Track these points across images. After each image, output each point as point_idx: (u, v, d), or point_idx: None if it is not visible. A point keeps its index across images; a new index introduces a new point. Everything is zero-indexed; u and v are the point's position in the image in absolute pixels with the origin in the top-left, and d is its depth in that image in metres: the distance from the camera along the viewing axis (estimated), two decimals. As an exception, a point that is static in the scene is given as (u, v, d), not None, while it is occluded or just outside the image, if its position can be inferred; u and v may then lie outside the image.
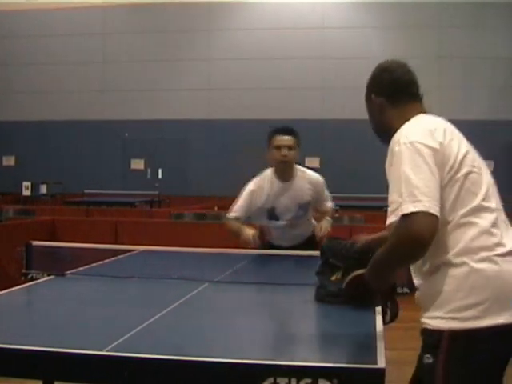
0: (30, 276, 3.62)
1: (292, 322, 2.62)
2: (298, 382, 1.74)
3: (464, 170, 1.96)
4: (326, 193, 4.41)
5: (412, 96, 2.19)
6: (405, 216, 1.83)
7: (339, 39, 15.07)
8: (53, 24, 16.15)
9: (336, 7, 15.36)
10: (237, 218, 4.28)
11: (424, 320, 1.95)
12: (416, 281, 2.02)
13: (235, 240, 4.32)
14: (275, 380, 1.74)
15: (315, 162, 13.69)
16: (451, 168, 1.94)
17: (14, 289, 2.99)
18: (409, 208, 1.83)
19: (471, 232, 1.91)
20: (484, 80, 14.44)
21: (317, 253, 3.03)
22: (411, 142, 1.93)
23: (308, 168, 4.46)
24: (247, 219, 4.35)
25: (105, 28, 16.20)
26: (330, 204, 4.47)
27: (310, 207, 4.35)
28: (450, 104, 14.16)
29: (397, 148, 1.95)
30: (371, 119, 2.27)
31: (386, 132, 2.16)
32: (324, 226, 4.29)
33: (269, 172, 4.28)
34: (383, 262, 1.97)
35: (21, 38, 16.32)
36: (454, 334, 1.85)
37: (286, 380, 1.74)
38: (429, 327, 1.92)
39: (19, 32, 16.33)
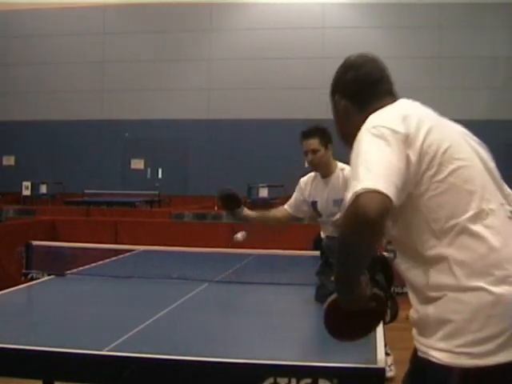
0: (30, 276, 3.63)
1: (292, 321, 2.62)
2: (298, 381, 1.74)
3: (449, 168, 1.63)
4: None
5: (382, 94, 1.85)
6: (356, 196, 1.52)
7: (339, 39, 15.06)
8: (53, 24, 16.14)
9: (336, 7, 15.36)
10: (286, 209, 4.37)
11: (425, 349, 1.63)
12: (414, 300, 1.70)
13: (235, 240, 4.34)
14: (275, 380, 1.74)
15: (315, 161, 13.68)
16: (430, 165, 1.63)
17: (14, 289, 2.99)
18: (361, 186, 1.52)
19: (479, 248, 1.58)
20: (484, 80, 14.44)
21: (317, 253, 3.03)
22: (375, 127, 1.64)
23: None
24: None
25: (105, 28, 16.20)
26: None
27: None
28: (449, 104, 14.16)
29: (359, 137, 1.67)
30: (336, 125, 1.97)
31: (349, 137, 1.81)
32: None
33: None
34: (341, 259, 1.62)
35: (21, 37, 16.31)
36: (467, 372, 1.56)
37: (286, 380, 1.74)
38: (435, 361, 1.60)
39: (19, 32, 16.32)
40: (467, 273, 1.58)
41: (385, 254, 2.79)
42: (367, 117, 1.76)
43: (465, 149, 1.70)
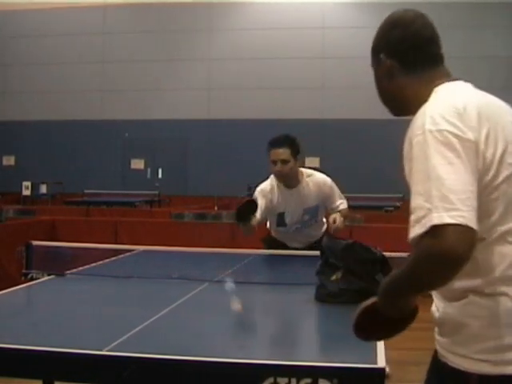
0: (30, 276, 3.62)
1: (292, 321, 2.62)
2: (297, 382, 1.73)
3: (504, 173, 1.52)
4: (336, 194, 4.31)
5: (432, 58, 1.72)
6: (436, 227, 1.39)
7: (339, 39, 15.07)
8: (53, 24, 16.15)
9: (336, 7, 15.36)
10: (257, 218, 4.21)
11: (444, 353, 1.60)
12: (436, 297, 1.64)
13: (235, 240, 4.33)
14: (275, 380, 1.74)
15: (315, 161, 13.69)
16: (488, 170, 1.51)
17: (14, 289, 2.99)
18: (443, 218, 1.39)
19: (511, 255, 1.53)
20: (484, 80, 14.40)
21: (317, 253, 3.03)
22: (440, 131, 1.48)
23: (309, 168, 4.45)
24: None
25: (105, 28, 16.20)
26: (342, 205, 4.34)
27: (319, 211, 4.31)
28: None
29: (420, 137, 1.50)
30: (377, 85, 1.80)
31: (395, 102, 1.77)
32: (338, 219, 4.15)
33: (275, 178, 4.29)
34: (403, 285, 1.54)
35: (21, 37, 16.32)
36: (485, 380, 1.51)
37: (286, 380, 1.74)
38: (453, 365, 1.57)
39: (19, 32, 16.32)
40: (495, 278, 1.52)
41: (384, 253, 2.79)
42: (416, 79, 1.69)
43: None
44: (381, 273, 2.65)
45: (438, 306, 1.63)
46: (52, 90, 16.10)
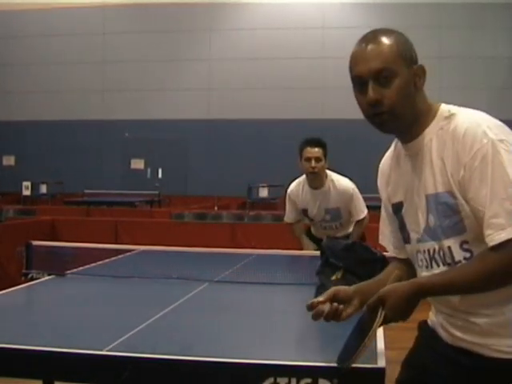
0: (30, 276, 3.63)
1: (292, 321, 2.62)
2: (297, 381, 1.74)
3: None
4: (355, 204, 4.63)
5: None
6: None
7: (339, 39, 15.04)
8: (53, 24, 16.14)
9: (336, 7, 15.35)
10: (294, 221, 4.81)
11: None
12: (481, 309, 1.64)
13: (235, 240, 4.37)
14: (275, 380, 1.74)
15: (315, 161, 13.67)
16: None
17: (14, 289, 2.99)
18: None
19: None
20: (483, 80, 14.44)
21: (317, 253, 3.03)
22: (502, 140, 1.56)
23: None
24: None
25: (105, 28, 16.19)
26: (359, 216, 4.67)
27: (342, 213, 4.67)
28: (449, 104, 14.11)
29: (488, 146, 1.55)
30: (402, 93, 1.70)
31: (410, 117, 1.72)
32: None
33: (303, 177, 4.72)
34: (466, 284, 1.57)
35: (21, 38, 16.30)
36: None
37: (286, 380, 1.74)
38: None
39: (19, 32, 16.31)
40: None
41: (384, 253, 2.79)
42: (422, 96, 1.73)
43: None
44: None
45: (502, 311, 1.61)
46: (52, 90, 16.09)
